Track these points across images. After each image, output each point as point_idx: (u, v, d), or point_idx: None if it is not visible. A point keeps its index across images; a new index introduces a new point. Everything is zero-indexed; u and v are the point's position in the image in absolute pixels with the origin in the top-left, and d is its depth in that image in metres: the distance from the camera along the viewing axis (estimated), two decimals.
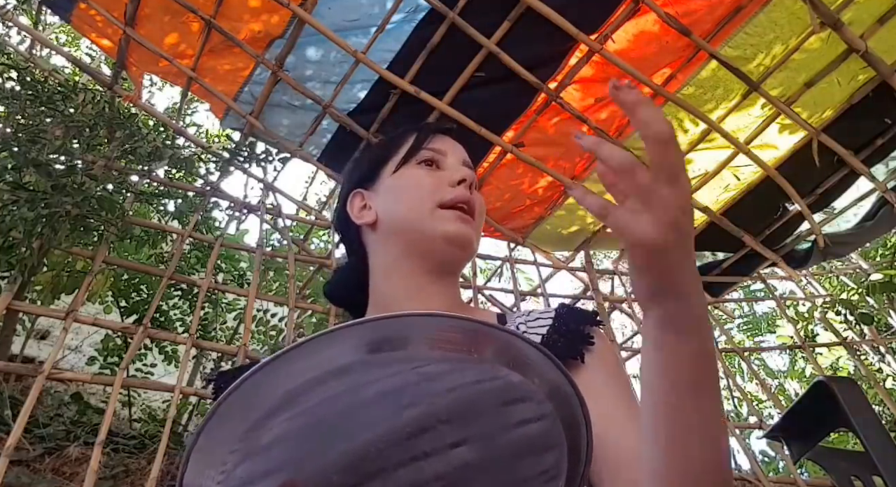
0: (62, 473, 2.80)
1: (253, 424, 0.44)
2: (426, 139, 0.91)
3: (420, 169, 0.88)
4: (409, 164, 0.89)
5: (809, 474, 4.18)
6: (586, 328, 0.78)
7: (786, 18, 2.57)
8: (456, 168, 0.89)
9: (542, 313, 0.84)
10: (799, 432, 1.92)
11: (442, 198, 0.84)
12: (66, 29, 6.40)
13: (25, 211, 2.15)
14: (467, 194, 0.85)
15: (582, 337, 0.76)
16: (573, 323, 0.78)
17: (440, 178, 0.87)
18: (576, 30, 2.56)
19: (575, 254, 3.72)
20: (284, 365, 0.44)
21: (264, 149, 3.23)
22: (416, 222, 0.84)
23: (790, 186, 3.06)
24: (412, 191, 0.87)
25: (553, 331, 0.78)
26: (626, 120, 3.15)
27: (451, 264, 0.87)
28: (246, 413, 0.44)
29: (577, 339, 0.76)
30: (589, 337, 0.76)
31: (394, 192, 0.88)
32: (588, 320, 0.79)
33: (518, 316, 0.86)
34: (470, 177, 0.87)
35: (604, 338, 0.79)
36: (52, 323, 4.32)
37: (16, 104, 2.54)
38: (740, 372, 6.01)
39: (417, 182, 0.87)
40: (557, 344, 0.75)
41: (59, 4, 2.94)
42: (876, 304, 4.35)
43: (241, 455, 0.44)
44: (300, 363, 0.45)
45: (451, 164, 0.90)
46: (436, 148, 0.90)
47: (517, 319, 0.84)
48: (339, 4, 2.67)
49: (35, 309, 2.87)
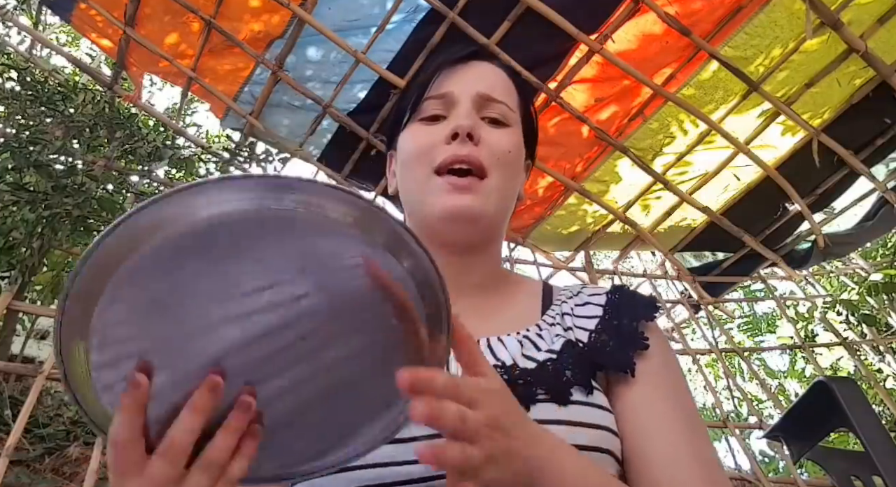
0: (62, 473, 2.80)
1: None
2: (427, 86, 0.76)
3: (421, 126, 0.75)
4: (413, 121, 0.76)
5: (809, 474, 4.18)
6: (640, 324, 0.68)
7: (786, 19, 2.57)
8: (456, 115, 0.73)
9: (591, 295, 0.74)
10: (799, 432, 1.92)
11: (433, 160, 0.70)
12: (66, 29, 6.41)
13: (27, 212, 2.15)
14: (462, 152, 0.69)
15: (635, 338, 0.66)
16: (626, 318, 0.68)
17: (439, 135, 0.72)
18: (576, 30, 2.56)
19: (575, 254, 3.71)
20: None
21: (264, 149, 3.23)
22: (416, 197, 0.73)
23: (790, 186, 3.06)
24: (410, 157, 0.74)
25: (603, 328, 0.68)
26: (626, 120, 3.15)
27: (461, 242, 0.72)
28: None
29: (628, 341, 0.66)
30: (643, 338, 0.67)
31: (400, 157, 0.77)
32: (643, 313, 0.69)
33: (566, 294, 0.76)
34: (465, 127, 0.70)
35: (658, 335, 0.70)
36: (52, 323, 4.31)
37: (16, 104, 2.54)
38: (740, 372, 6.01)
39: (414, 145, 0.73)
40: (606, 347, 0.66)
41: (59, 4, 2.94)
42: (876, 305, 4.35)
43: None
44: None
45: (457, 110, 0.73)
46: (441, 93, 0.75)
47: (565, 302, 0.74)
48: (339, 4, 2.67)
49: (35, 309, 2.88)
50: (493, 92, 0.75)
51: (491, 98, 0.74)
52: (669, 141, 3.05)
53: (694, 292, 3.64)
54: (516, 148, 0.75)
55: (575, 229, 3.51)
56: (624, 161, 3.07)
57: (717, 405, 3.26)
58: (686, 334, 4.12)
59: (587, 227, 3.50)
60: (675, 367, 0.69)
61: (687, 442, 0.60)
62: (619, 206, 3.34)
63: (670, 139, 3.04)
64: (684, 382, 0.69)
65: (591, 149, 3.12)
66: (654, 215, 3.42)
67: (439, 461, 0.42)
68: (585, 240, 3.56)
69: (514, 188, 0.76)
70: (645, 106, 2.92)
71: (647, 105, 2.91)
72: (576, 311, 0.72)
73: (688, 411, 0.64)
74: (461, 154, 0.69)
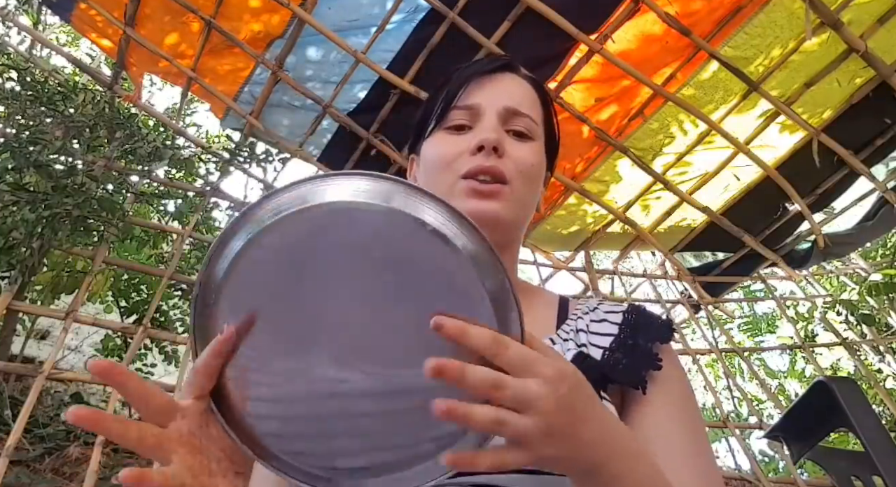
0: (62, 473, 2.80)
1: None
2: (455, 96, 0.77)
3: (447, 135, 0.76)
4: (439, 130, 0.77)
5: (809, 474, 4.18)
6: (655, 345, 0.68)
7: (786, 19, 2.57)
8: (482, 128, 0.74)
9: (608, 312, 0.74)
10: (799, 432, 1.92)
11: (458, 171, 0.72)
12: (66, 29, 6.40)
13: (27, 212, 2.15)
14: (486, 163, 0.71)
15: (649, 358, 0.67)
16: (641, 338, 0.69)
17: (464, 145, 0.74)
18: (576, 30, 2.56)
19: (575, 254, 3.71)
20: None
21: (264, 149, 3.23)
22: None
23: (790, 186, 3.07)
24: (434, 165, 0.76)
25: (617, 346, 0.69)
26: (626, 120, 3.14)
27: None
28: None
29: (642, 361, 0.67)
30: (656, 358, 0.67)
31: (424, 164, 0.79)
32: (659, 335, 0.70)
33: (583, 309, 0.76)
34: (491, 140, 0.71)
35: (673, 358, 0.70)
36: (52, 323, 4.32)
37: (16, 104, 2.54)
38: (740, 372, 6.00)
39: (440, 154, 0.75)
40: (619, 365, 0.66)
41: (59, 4, 2.94)
42: (876, 305, 4.35)
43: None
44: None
45: (482, 122, 0.75)
46: (468, 104, 0.76)
47: (581, 318, 0.74)
48: (339, 4, 2.67)
49: (35, 309, 2.88)
50: (519, 106, 0.76)
51: (517, 112, 0.76)
52: (669, 141, 3.05)
53: (694, 292, 3.64)
54: (539, 161, 0.78)
55: (575, 229, 3.51)
56: (624, 161, 3.07)
57: (717, 405, 3.26)
58: (686, 334, 4.12)
59: (587, 227, 3.50)
60: (687, 391, 0.70)
61: (693, 464, 0.61)
62: (619, 206, 3.34)
63: (670, 139, 3.04)
64: (695, 403, 0.70)
65: (591, 149, 3.12)
66: (654, 215, 3.42)
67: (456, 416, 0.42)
68: (585, 240, 3.56)
69: (533, 200, 0.78)
70: (645, 106, 2.92)
71: (647, 105, 2.91)
72: (591, 328, 0.72)
73: (696, 432, 0.65)
74: (486, 165, 0.71)
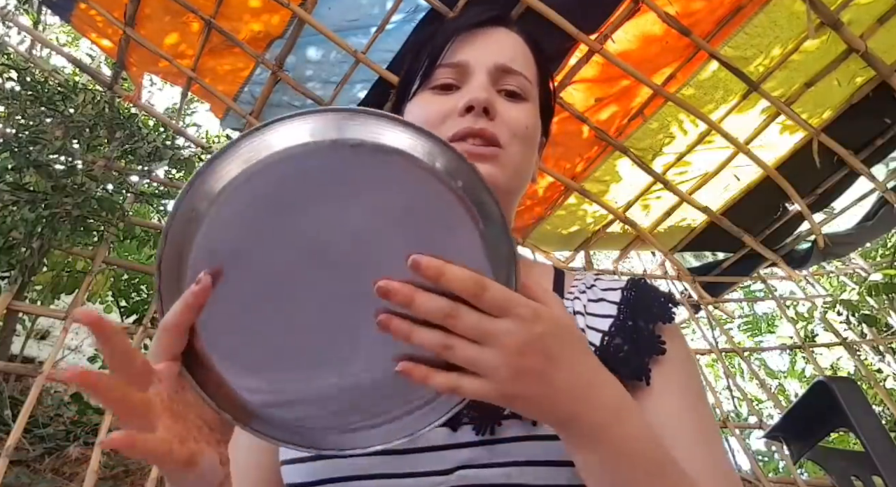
0: (62, 473, 2.80)
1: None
2: (441, 52, 0.70)
3: (432, 96, 0.69)
4: (423, 90, 0.70)
5: (809, 474, 4.18)
6: (657, 327, 0.64)
7: (786, 19, 2.57)
8: (471, 88, 0.67)
9: (605, 290, 0.70)
10: (799, 432, 1.92)
11: (447, 132, 0.65)
12: (66, 29, 6.41)
13: (26, 212, 2.15)
14: (476, 125, 0.65)
15: (651, 343, 0.63)
16: (642, 320, 0.64)
17: (451, 106, 0.67)
18: (576, 30, 2.56)
19: (575, 254, 3.72)
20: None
21: None
22: None
23: (790, 186, 3.06)
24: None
25: (616, 330, 0.64)
26: (626, 120, 3.14)
27: None
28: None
29: (644, 346, 0.62)
30: (659, 341, 0.63)
31: None
32: (661, 314, 0.65)
33: (579, 287, 0.72)
34: (481, 100, 0.65)
35: (675, 337, 0.66)
36: (52, 323, 4.32)
37: (16, 104, 2.54)
38: (740, 372, 6.01)
39: (425, 115, 0.68)
40: (620, 352, 0.62)
41: (59, 4, 2.94)
42: (876, 305, 4.35)
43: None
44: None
45: (471, 81, 0.68)
46: (455, 61, 0.69)
47: (578, 297, 0.70)
48: (339, 4, 2.67)
49: (35, 309, 2.88)
50: (512, 63, 0.69)
51: (509, 69, 0.69)
52: (669, 141, 3.05)
53: (694, 292, 3.64)
54: (534, 124, 0.70)
55: (575, 229, 3.51)
56: (624, 161, 3.07)
57: (717, 405, 3.27)
58: (686, 334, 4.12)
59: (587, 227, 3.50)
60: (692, 372, 0.66)
61: (703, 454, 0.58)
62: (619, 206, 3.34)
63: (670, 139, 3.04)
64: (701, 387, 0.66)
65: (591, 149, 3.12)
66: (654, 215, 3.42)
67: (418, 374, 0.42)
68: (585, 240, 3.56)
69: (529, 166, 0.71)
70: (645, 106, 2.92)
71: (647, 105, 2.91)
72: (588, 309, 0.68)
73: (704, 419, 0.62)
74: (476, 128, 0.64)
